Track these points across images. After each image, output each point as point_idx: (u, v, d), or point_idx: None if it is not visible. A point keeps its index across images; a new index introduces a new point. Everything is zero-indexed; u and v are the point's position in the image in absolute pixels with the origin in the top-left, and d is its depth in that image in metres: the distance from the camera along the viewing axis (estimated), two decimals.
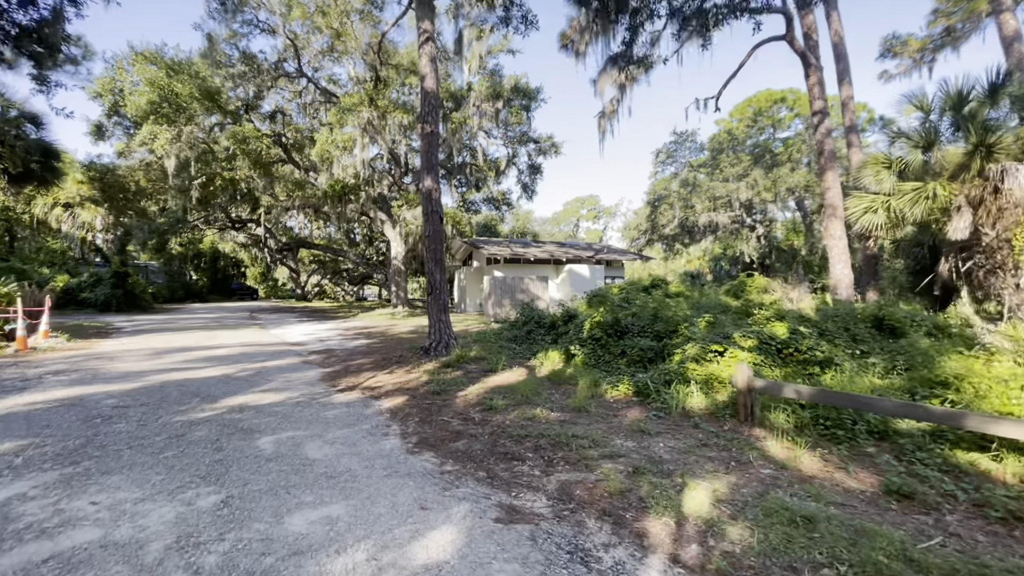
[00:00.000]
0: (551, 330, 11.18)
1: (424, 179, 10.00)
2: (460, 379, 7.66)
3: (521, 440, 4.98)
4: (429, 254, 9.90)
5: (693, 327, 8.26)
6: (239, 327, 17.01)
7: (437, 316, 9.73)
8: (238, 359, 9.59)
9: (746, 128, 30.53)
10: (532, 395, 6.69)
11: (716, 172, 29.83)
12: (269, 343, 12.52)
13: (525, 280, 19.17)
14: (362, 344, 12.42)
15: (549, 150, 26.10)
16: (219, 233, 42.24)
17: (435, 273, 9.84)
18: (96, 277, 24.50)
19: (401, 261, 23.42)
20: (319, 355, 10.43)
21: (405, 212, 21.11)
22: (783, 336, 7.05)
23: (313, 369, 8.73)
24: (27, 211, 29.34)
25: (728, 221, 28.99)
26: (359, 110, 17.28)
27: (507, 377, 7.91)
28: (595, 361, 8.26)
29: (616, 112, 15.32)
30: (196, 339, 12.88)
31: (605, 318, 8.85)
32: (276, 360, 9.63)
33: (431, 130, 10.00)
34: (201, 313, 25.24)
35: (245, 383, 7.32)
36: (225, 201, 23.74)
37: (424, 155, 10.04)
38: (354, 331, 15.98)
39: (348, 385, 7.39)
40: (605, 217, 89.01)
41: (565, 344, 9.53)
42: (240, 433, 4.92)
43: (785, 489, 3.86)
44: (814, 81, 12.68)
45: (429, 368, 8.46)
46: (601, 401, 6.52)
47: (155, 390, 6.73)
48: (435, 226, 9.94)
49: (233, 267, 53.11)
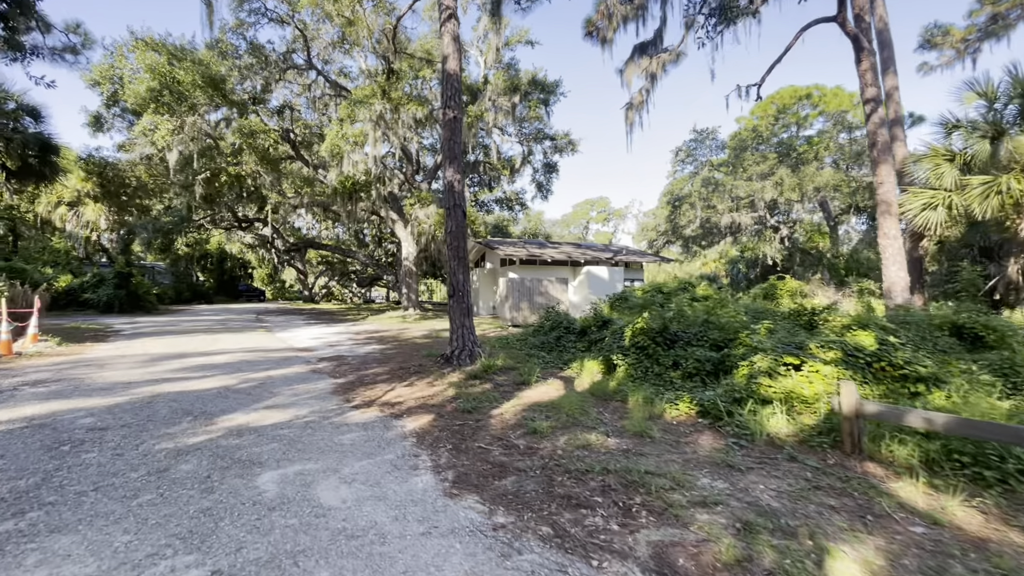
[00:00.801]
0: (582, 336, 10.22)
1: (446, 170, 9.09)
2: (491, 394, 6.71)
3: (583, 477, 4.02)
4: (451, 252, 8.98)
5: (754, 335, 7.27)
6: (244, 330, 16.16)
7: (460, 321, 8.80)
8: (240, 367, 8.69)
9: (768, 126, 29.44)
10: (579, 415, 5.74)
11: (739, 171, 28.75)
12: (275, 348, 11.63)
13: (544, 282, 18.22)
14: (375, 350, 11.50)
15: (566, 148, 25.15)
16: (226, 233, 41.64)
17: (458, 273, 8.91)
18: (99, 277, 23.80)
19: (412, 262, 22.53)
20: (329, 363, 9.52)
21: (418, 211, 20.22)
22: (872, 347, 6.04)
23: (323, 380, 7.80)
24: (31, 210, 28.77)
25: (751, 222, 27.88)
26: (371, 102, 16.40)
27: (543, 391, 6.95)
28: (642, 373, 7.29)
29: (644, 103, 14.37)
30: (197, 344, 12.02)
31: (650, 324, 7.87)
32: (282, 369, 8.73)
33: (454, 116, 9.09)
34: (206, 315, 24.47)
35: (247, 397, 6.41)
36: (231, 199, 22.92)
37: (446, 143, 9.12)
38: (365, 335, 15.08)
39: (364, 400, 6.45)
40: (615, 219, 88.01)
41: (602, 353, 8.58)
42: (237, 466, 3.99)
43: (961, 561, 2.88)
44: (866, 66, 11.65)
45: (453, 380, 7.51)
46: (661, 423, 5.56)
47: (142, 406, 5.82)
48: (458, 221, 9.01)
49: (240, 268, 52.54)
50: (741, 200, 27.54)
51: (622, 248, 28.81)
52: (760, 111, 29.64)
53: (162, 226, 25.74)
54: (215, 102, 16.39)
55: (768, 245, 27.70)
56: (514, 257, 21.86)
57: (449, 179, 9.02)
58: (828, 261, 27.54)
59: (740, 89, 12.04)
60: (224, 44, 17.46)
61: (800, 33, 11.46)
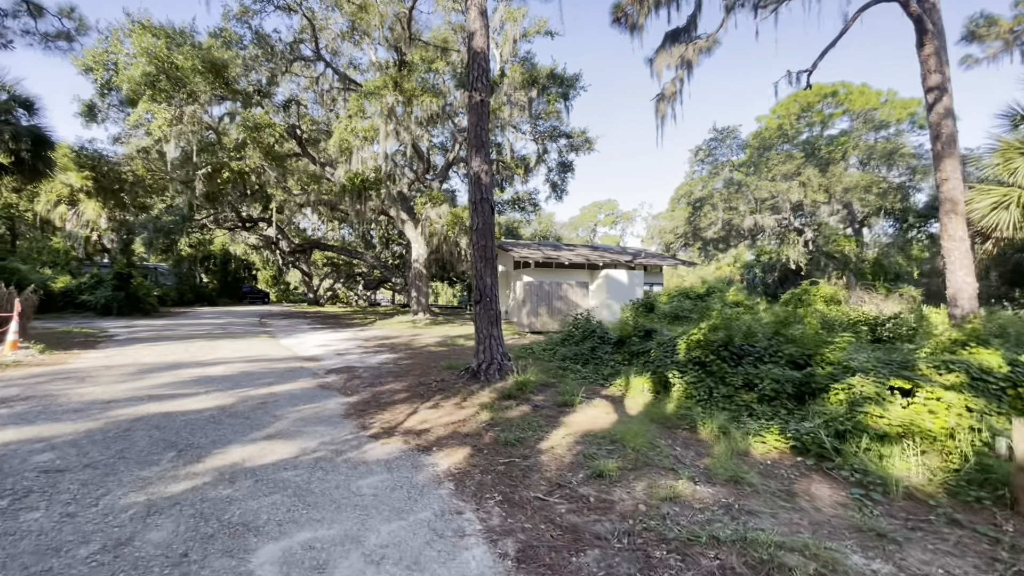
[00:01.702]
0: (619, 347, 9.18)
1: (472, 160, 8.09)
2: (532, 419, 5.68)
3: (688, 552, 2.99)
4: (477, 252, 7.96)
5: (835, 350, 6.22)
6: (246, 336, 15.20)
7: (487, 331, 7.77)
8: (239, 381, 7.69)
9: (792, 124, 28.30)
10: (647, 449, 4.70)
11: (764, 171, 27.65)
12: (278, 357, 10.64)
13: (563, 286, 17.20)
14: (388, 360, 10.49)
15: (582, 146, 24.16)
16: (229, 234, 40.86)
17: (485, 276, 7.89)
18: (97, 279, 22.92)
19: (422, 264, 21.55)
20: (339, 376, 8.51)
21: (429, 210, 19.24)
22: (1002, 369, 4.98)
23: (333, 397, 6.79)
24: (30, 208, 28.01)
25: (774, 224, 26.78)
26: (383, 94, 15.46)
27: (592, 416, 5.92)
28: (705, 394, 6.24)
29: (678, 94, 13.35)
30: (194, 351, 11.04)
31: (709, 336, 6.83)
32: (286, 383, 7.72)
33: (481, 99, 8.10)
34: (207, 318, 23.54)
35: (244, 423, 5.40)
36: (235, 197, 22.00)
37: (472, 130, 8.12)
38: (375, 342, 14.08)
39: (383, 426, 5.43)
40: (622, 222, 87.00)
41: (650, 368, 7.55)
42: (225, 534, 2.97)
43: None
44: (930, 51, 10.60)
45: (484, 400, 6.48)
46: (751, 462, 4.52)
47: (118, 436, 4.82)
48: (484, 217, 8.00)
49: (244, 270, 51.77)
50: (765, 201, 26.43)
51: (640, 251, 27.76)
52: (783, 109, 28.57)
53: (163, 226, 24.85)
54: (217, 91, 15.41)
55: (791, 248, 26.58)
56: (529, 259, 20.85)
57: (475, 170, 8.02)
58: (854, 266, 26.39)
59: (790, 75, 11.02)
60: (228, 33, 16.54)
61: (858, 14, 10.43)
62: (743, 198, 27.25)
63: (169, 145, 15.20)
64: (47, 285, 22.27)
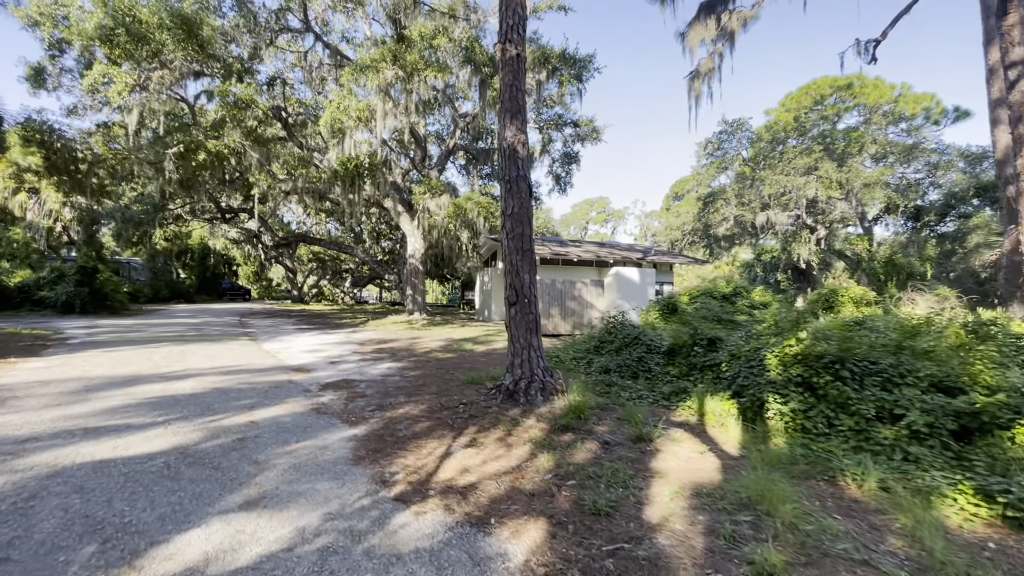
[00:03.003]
0: (672, 357, 7.74)
1: (505, 127, 6.56)
2: (610, 465, 4.20)
3: None
4: (512, 242, 6.44)
5: (986, 369, 4.85)
6: (223, 338, 13.45)
7: (525, 339, 6.26)
8: (210, 403, 6.06)
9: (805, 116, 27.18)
10: (799, 520, 3.24)
11: (778, 165, 26.48)
12: (260, 368, 8.98)
13: (577, 285, 15.76)
14: (392, 371, 8.91)
15: (589, 136, 22.70)
16: (208, 226, 38.64)
17: (522, 272, 6.38)
18: (58, 273, 20.80)
19: (419, 260, 19.92)
20: (336, 393, 6.92)
21: (428, 201, 17.60)
22: None
23: (334, 428, 5.22)
24: None
25: (786, 220, 25.67)
26: (380, 68, 13.79)
27: (685, 458, 4.47)
28: (822, 425, 4.83)
29: (715, 70, 11.96)
30: (159, 359, 9.32)
31: (814, 347, 5.41)
32: (271, 405, 6.11)
33: (517, 53, 6.57)
34: (182, 316, 21.59)
35: (212, 477, 3.81)
36: (212, 185, 20.03)
37: (506, 91, 6.60)
38: (372, 347, 12.47)
39: (411, 479, 3.89)
40: (614, 220, 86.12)
41: (722, 384, 6.15)
42: None
43: None
44: (1013, 20, 9.35)
45: (535, 434, 4.97)
46: (958, 541, 3.10)
47: (11, 511, 3.20)
48: (521, 199, 6.49)
49: (224, 265, 49.32)
50: (780, 197, 25.28)
51: (649, 247, 26.46)
52: (793, 102, 27.48)
53: (132, 216, 22.73)
54: (189, 56, 13.42)
55: (802, 246, 25.51)
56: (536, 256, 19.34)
57: (510, 141, 6.49)
58: (867, 265, 25.42)
59: (859, 44, 9.66)
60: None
61: None
62: (756, 193, 26.07)
63: (131, 116, 13.26)
64: (0, 280, 20.15)
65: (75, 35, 12.55)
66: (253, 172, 16.83)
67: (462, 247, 18.52)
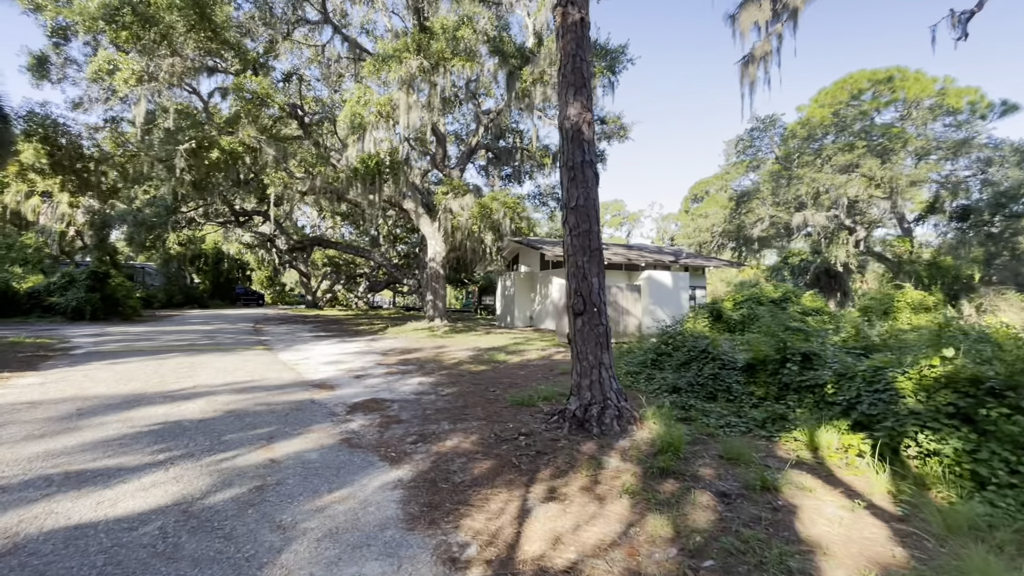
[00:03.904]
0: (752, 374, 6.65)
1: (567, 104, 5.56)
2: (745, 530, 3.14)
3: None
4: (578, 240, 5.43)
5: None
6: (237, 348, 12.58)
7: (595, 356, 5.22)
8: (221, 432, 5.10)
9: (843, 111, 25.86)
10: None
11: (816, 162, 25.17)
12: (278, 383, 8.04)
13: (612, 290, 14.71)
14: (425, 387, 7.91)
15: (616, 133, 21.64)
16: (222, 230, 38.18)
17: (590, 275, 5.36)
18: (68, 278, 20.20)
19: (440, 264, 18.98)
20: (367, 417, 5.93)
21: (451, 202, 16.66)
22: None
23: (373, 468, 4.22)
24: None
25: (824, 221, 24.33)
26: (404, 58, 12.90)
27: (833, 515, 3.41)
28: (1002, 472, 3.73)
29: (772, 52, 10.85)
30: (166, 374, 8.42)
31: (968, 370, 4.31)
32: (292, 435, 5.13)
33: (581, 17, 5.59)
34: (194, 323, 20.87)
35: (222, 559, 2.81)
36: (226, 186, 19.29)
37: (567, 62, 5.61)
38: (396, 357, 11.51)
39: (489, 559, 2.86)
40: (628, 223, 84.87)
41: (829, 411, 5.09)
42: None
43: None
44: None
45: (627, 481, 3.92)
46: None
47: None
48: (587, 189, 5.48)
49: (238, 270, 48.97)
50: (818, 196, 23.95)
51: (679, 250, 25.29)
52: (828, 97, 26.19)
53: (144, 219, 22.08)
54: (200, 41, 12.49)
55: (839, 248, 24.16)
56: (560, 258, 18.31)
57: (574, 120, 5.48)
58: (909, 267, 24.00)
59: (952, 15, 8.59)
60: None
61: None
62: (792, 192, 24.75)
63: (139, 108, 12.48)
64: (9, 285, 19.58)
65: (77, 15, 11.73)
66: (269, 171, 16.03)
67: (486, 250, 17.56)
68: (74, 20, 11.88)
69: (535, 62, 15.11)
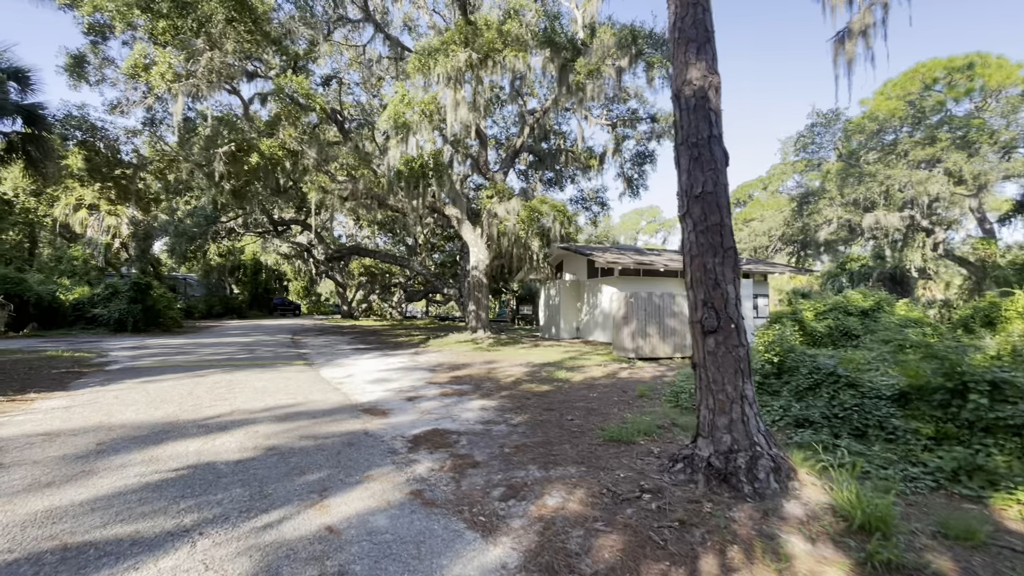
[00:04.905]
0: (906, 405, 5.28)
1: (687, 66, 4.43)
2: None
3: None
4: (706, 238, 4.25)
5: None
6: (276, 363, 11.82)
7: (735, 387, 4.02)
8: (263, 481, 4.11)
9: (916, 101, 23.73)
10: None
11: (888, 158, 23.16)
12: (324, 408, 7.09)
13: (677, 299, 13.35)
14: (489, 413, 6.82)
15: (667, 132, 20.32)
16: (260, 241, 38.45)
17: (722, 282, 4.17)
18: (112, 290, 20.15)
19: (482, 272, 17.99)
20: (436, 460, 4.87)
21: (496, 206, 15.68)
22: None
23: (463, 548, 3.13)
24: (48, 214, 25.74)
25: (898, 223, 22.24)
26: (453, 50, 12.05)
27: None
28: None
29: (876, 24, 9.46)
30: (203, 394, 7.60)
31: None
32: (350, 486, 4.10)
33: None
34: (233, 335, 20.49)
35: None
36: (265, 195, 18.88)
37: (686, 12, 4.49)
38: (446, 374, 10.49)
39: None
40: (664, 230, 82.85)
41: None
42: None
43: None
44: None
45: None
46: None
47: None
48: (716, 172, 4.31)
49: (275, 280, 49.46)
50: (893, 194, 21.89)
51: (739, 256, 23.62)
52: (897, 89, 24.16)
53: (185, 230, 21.99)
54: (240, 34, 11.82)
55: (915, 252, 22.01)
56: (614, 265, 17.06)
57: (698, 84, 4.34)
58: (997, 272, 21.65)
59: None
60: None
61: None
62: (863, 191, 22.73)
63: (176, 107, 12.01)
64: (56, 297, 19.60)
65: (111, 1, 11.31)
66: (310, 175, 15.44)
67: (532, 256, 16.46)
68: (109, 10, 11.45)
69: (588, 54, 14.01)
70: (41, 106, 13.13)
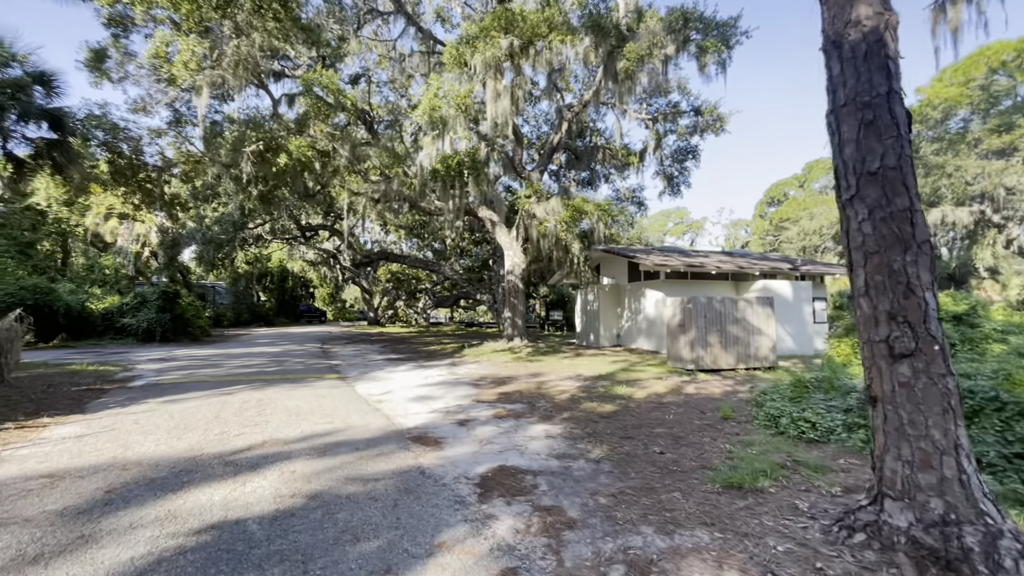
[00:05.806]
0: None
1: (853, 4, 3.35)
2: None
3: None
4: (883, 227, 3.16)
5: None
6: (307, 378, 11.01)
7: (943, 433, 2.92)
8: (306, 553, 3.19)
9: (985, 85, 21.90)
10: None
11: (958, 147, 21.41)
12: (366, 434, 6.18)
13: (739, 304, 12.12)
14: (558, 442, 5.80)
15: (711, 126, 19.07)
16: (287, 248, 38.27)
17: (918, 286, 3.07)
18: (140, 299, 19.83)
19: (518, 277, 17.01)
20: (519, 517, 3.87)
21: (534, 206, 14.71)
22: None
23: None
24: (80, 223, 25.79)
25: (967, 217, 20.46)
26: (494, 36, 11.17)
27: None
28: None
29: None
30: (229, 419, 6.77)
31: None
32: (418, 559, 3.15)
33: None
34: (261, 344, 19.97)
35: None
36: (292, 200, 18.32)
37: None
38: (492, 390, 9.51)
39: None
40: (692, 231, 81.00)
41: None
42: None
43: None
44: None
45: None
46: None
47: None
48: (898, 141, 3.23)
49: (301, 287, 49.44)
50: (970, 187, 20.12)
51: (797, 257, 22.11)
52: (959, 75, 22.40)
53: (213, 237, 21.65)
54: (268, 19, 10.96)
55: (986, 249, 20.18)
56: (660, 268, 15.87)
57: (869, 25, 3.29)
58: None
59: None
60: None
61: None
62: (931, 184, 20.96)
63: (201, 100, 11.40)
64: (85, 307, 19.35)
65: None
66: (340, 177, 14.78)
67: (573, 259, 15.41)
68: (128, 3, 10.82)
69: (636, 39, 12.97)
70: (66, 110, 12.72)
